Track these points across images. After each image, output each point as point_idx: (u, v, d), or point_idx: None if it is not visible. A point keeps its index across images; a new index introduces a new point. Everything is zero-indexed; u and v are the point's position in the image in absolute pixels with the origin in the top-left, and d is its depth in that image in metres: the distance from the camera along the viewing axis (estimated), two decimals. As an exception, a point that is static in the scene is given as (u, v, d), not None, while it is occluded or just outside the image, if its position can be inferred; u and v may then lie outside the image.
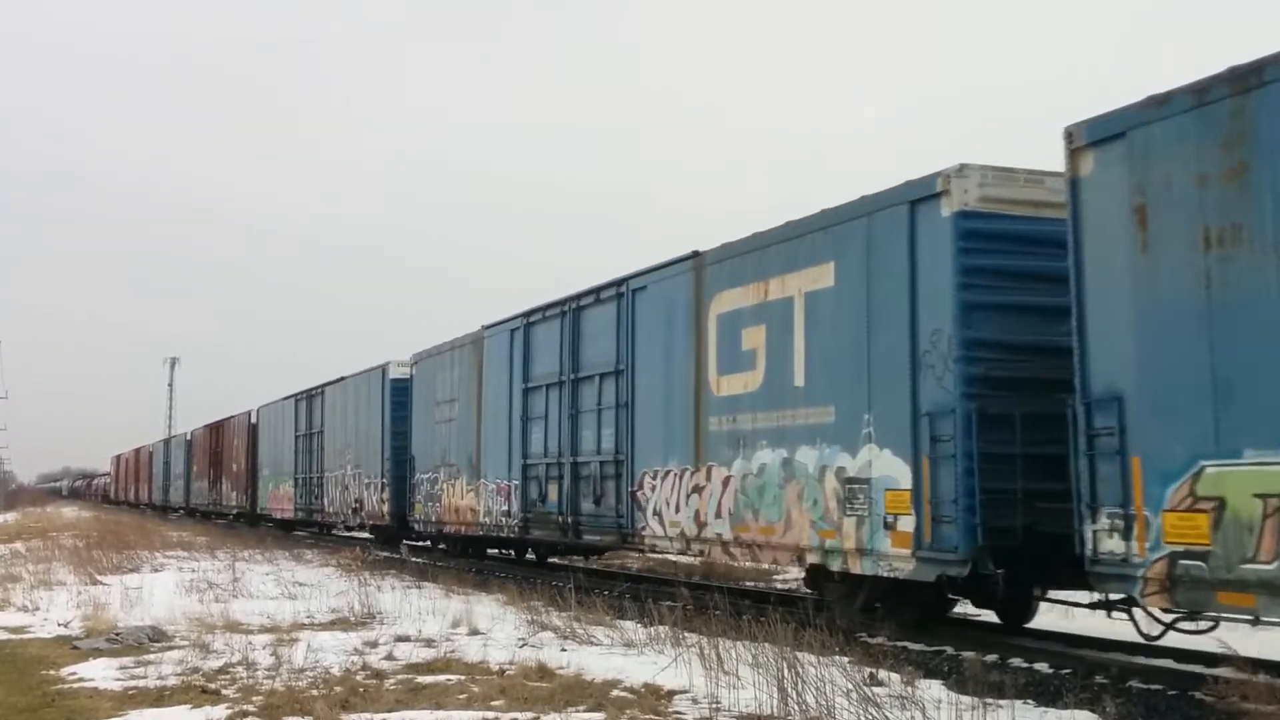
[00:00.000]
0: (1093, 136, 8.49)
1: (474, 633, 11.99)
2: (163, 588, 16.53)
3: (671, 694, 8.59)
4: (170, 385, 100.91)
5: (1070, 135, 8.64)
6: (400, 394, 23.90)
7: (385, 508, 24.73)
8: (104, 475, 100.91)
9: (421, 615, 13.22)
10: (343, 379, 28.66)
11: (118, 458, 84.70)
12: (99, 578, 18.40)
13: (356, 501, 26.92)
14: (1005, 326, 9.75)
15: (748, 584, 16.17)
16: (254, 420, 38.66)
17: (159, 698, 9.02)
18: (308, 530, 34.59)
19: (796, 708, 7.52)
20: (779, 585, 16.30)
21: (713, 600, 11.93)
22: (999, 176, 9.85)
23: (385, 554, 23.41)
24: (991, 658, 9.63)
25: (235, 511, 41.09)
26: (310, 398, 31.66)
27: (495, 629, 12.17)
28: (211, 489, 45.16)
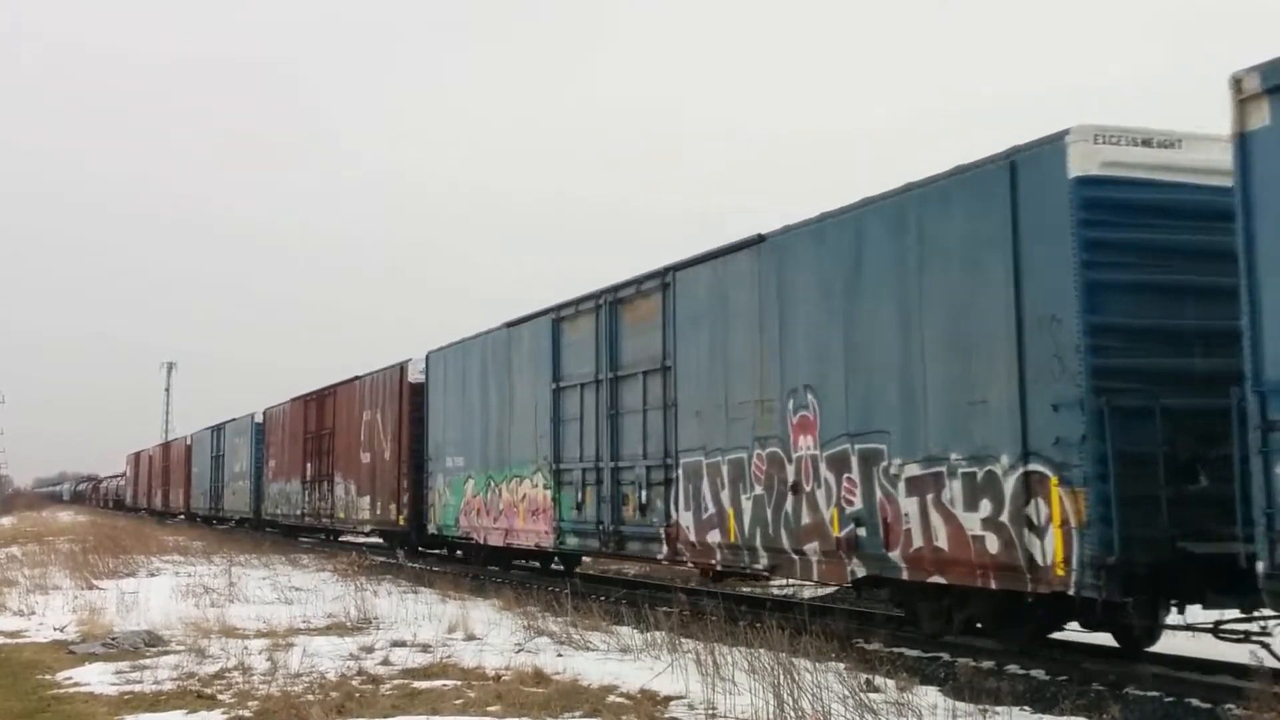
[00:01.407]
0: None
1: (470, 638, 11.98)
2: (159, 592, 16.51)
3: (667, 700, 8.58)
4: (167, 390, 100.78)
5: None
6: None
7: None
8: (116, 477, 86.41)
9: (418, 620, 13.22)
10: (805, 224, 11.48)
11: (136, 455, 69.62)
12: (95, 582, 18.39)
13: (923, 515, 9.86)
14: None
15: (744, 590, 16.14)
16: (416, 375, 21.96)
17: (154, 702, 9.01)
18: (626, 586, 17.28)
19: (792, 714, 7.52)
20: (775, 591, 16.28)
21: (709, 606, 11.92)
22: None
23: (382, 558, 23.37)
24: (988, 664, 9.63)
25: (369, 529, 25.29)
26: (614, 303, 14.89)
27: (491, 634, 12.16)
28: (310, 492, 29.02)
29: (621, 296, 14.72)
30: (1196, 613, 8.79)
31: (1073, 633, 9.90)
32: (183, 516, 49.80)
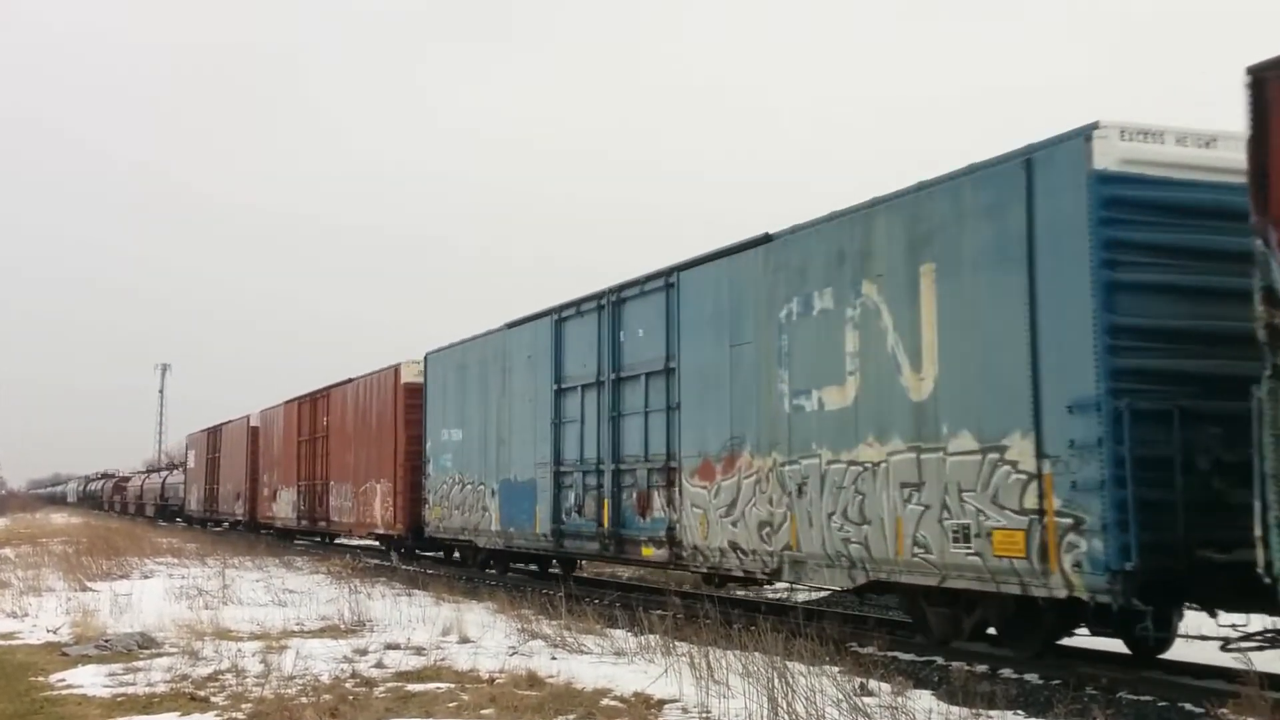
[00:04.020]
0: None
1: (464, 640, 11.98)
2: (152, 594, 16.48)
3: (662, 703, 8.59)
4: (161, 392, 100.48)
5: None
6: None
7: None
8: (163, 470, 63.49)
9: (411, 623, 13.21)
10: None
11: (212, 432, 42.32)
12: (88, 584, 18.36)
13: None
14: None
15: (738, 593, 16.15)
16: None
17: (148, 704, 9.00)
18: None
19: (786, 717, 7.52)
20: (770, 595, 16.29)
21: (703, 609, 11.93)
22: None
23: (376, 561, 23.34)
24: (982, 668, 9.64)
25: None
26: None
27: (485, 637, 12.16)
28: None
29: None
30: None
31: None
32: (392, 551, 23.60)
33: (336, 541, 29.51)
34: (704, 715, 8.11)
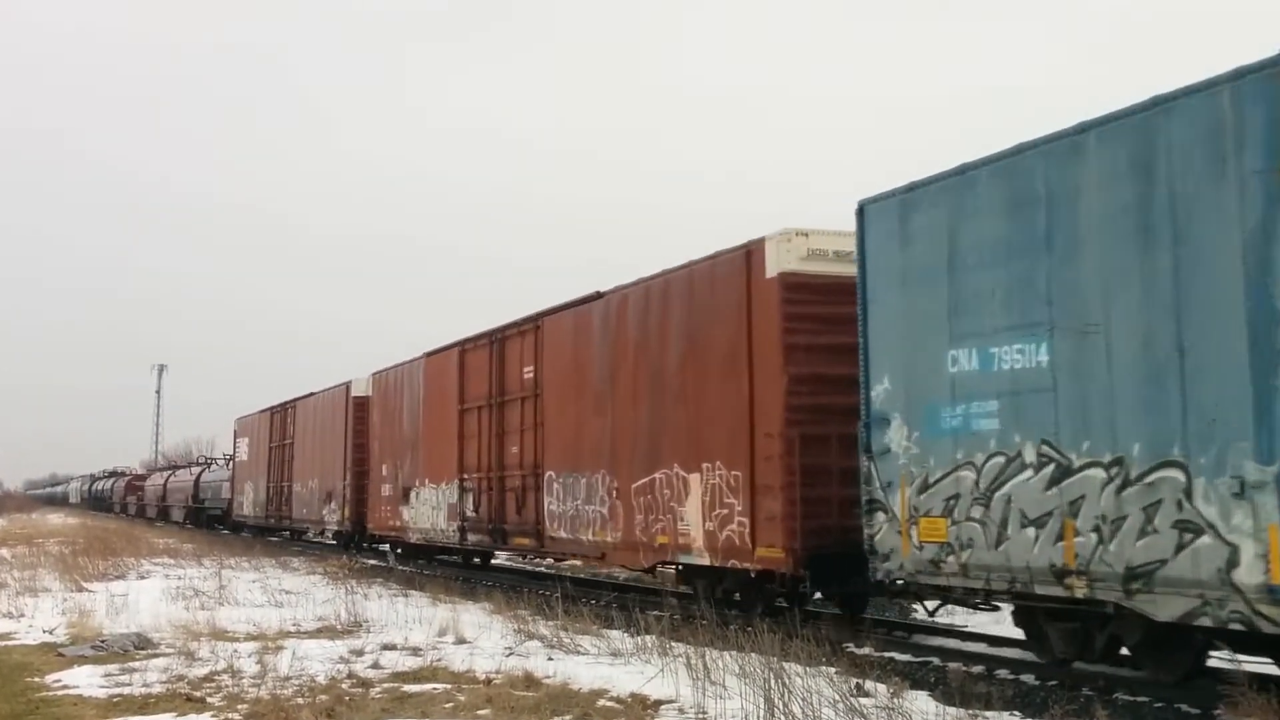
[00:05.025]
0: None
1: (460, 641, 11.98)
2: (149, 595, 16.48)
3: (658, 704, 8.58)
4: (158, 392, 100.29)
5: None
6: None
7: None
8: (190, 466, 54.27)
9: (408, 623, 13.21)
10: None
11: (282, 411, 31.82)
12: (85, 585, 18.35)
13: None
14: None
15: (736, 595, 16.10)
16: None
17: (144, 705, 8.99)
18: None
19: (783, 718, 7.52)
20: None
21: (699, 610, 11.93)
22: None
23: (372, 562, 23.32)
24: (978, 669, 9.65)
25: None
26: None
27: (482, 638, 12.16)
28: None
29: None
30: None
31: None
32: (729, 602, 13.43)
33: (552, 566, 19.46)
34: (700, 716, 8.11)
